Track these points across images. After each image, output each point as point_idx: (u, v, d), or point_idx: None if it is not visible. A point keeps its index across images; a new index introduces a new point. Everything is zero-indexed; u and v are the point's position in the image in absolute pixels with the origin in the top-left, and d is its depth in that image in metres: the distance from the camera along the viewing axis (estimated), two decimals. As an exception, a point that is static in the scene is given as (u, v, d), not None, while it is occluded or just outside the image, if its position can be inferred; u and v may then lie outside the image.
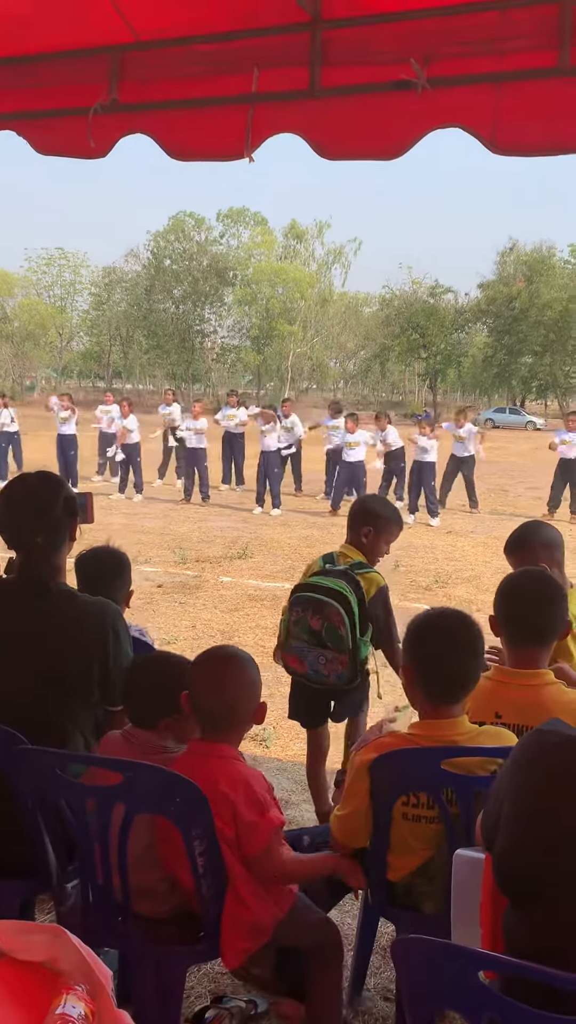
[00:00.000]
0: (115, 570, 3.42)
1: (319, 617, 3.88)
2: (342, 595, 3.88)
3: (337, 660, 3.89)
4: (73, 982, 1.61)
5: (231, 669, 2.48)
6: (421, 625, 2.57)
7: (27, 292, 73.42)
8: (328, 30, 3.36)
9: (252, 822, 2.33)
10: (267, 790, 2.42)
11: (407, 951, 1.56)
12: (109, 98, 3.71)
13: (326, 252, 71.51)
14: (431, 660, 2.50)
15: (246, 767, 2.44)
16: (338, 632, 3.86)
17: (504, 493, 19.74)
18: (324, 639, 3.89)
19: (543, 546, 3.51)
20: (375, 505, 4.28)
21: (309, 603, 3.93)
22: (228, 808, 2.33)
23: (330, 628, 3.87)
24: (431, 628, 2.56)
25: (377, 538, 4.15)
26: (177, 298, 66.45)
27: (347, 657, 3.89)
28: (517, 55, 3.12)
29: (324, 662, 3.91)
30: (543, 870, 1.77)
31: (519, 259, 63.09)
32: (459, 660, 2.49)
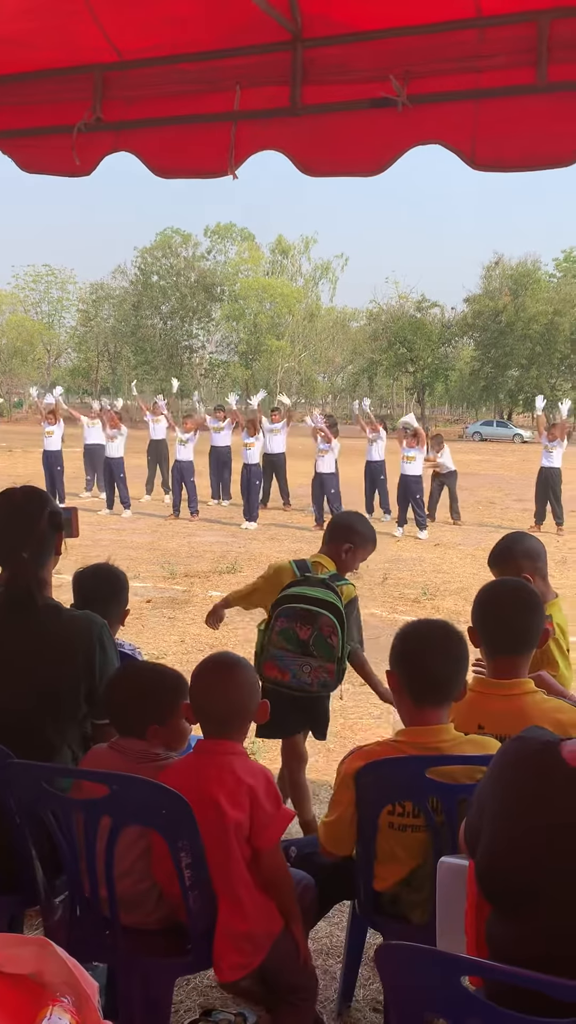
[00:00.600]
0: (112, 588, 3.45)
1: (309, 627, 3.91)
2: (334, 606, 3.93)
3: (324, 668, 3.94)
4: (59, 994, 1.61)
5: (234, 673, 2.53)
6: (404, 631, 2.63)
7: (14, 309, 73.46)
8: (309, 49, 3.40)
9: (271, 813, 2.37)
10: (277, 786, 2.48)
11: (390, 957, 1.57)
12: (93, 116, 3.75)
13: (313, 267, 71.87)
14: (411, 660, 2.54)
15: (258, 763, 2.50)
16: (328, 642, 3.91)
17: (491, 505, 19.80)
18: (311, 648, 3.93)
19: (526, 557, 3.54)
20: (355, 522, 4.37)
21: (298, 614, 3.96)
22: (248, 797, 2.36)
23: (320, 638, 3.91)
24: (412, 632, 2.61)
25: (354, 555, 4.24)
26: (165, 314, 66.64)
27: (334, 665, 3.95)
28: (495, 72, 3.16)
29: (309, 670, 3.94)
30: (525, 875, 1.78)
31: (504, 273, 63.54)
32: (437, 659, 2.53)
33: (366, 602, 9.74)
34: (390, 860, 2.56)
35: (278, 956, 2.48)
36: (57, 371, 76.12)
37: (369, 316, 69.03)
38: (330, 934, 3.50)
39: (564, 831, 1.75)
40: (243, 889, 2.37)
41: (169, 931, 2.46)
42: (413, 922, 2.56)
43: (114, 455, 17.33)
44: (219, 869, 2.37)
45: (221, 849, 2.35)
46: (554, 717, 2.59)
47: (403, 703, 2.56)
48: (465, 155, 3.24)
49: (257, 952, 2.40)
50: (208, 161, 3.63)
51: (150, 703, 2.55)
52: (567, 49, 3.04)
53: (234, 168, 3.59)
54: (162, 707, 2.55)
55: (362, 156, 3.42)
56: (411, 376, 66.98)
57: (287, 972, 2.53)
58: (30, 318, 72.60)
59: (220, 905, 2.37)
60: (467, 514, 17.47)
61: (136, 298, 66.89)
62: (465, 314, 64.64)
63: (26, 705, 2.61)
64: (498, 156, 3.23)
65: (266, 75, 3.49)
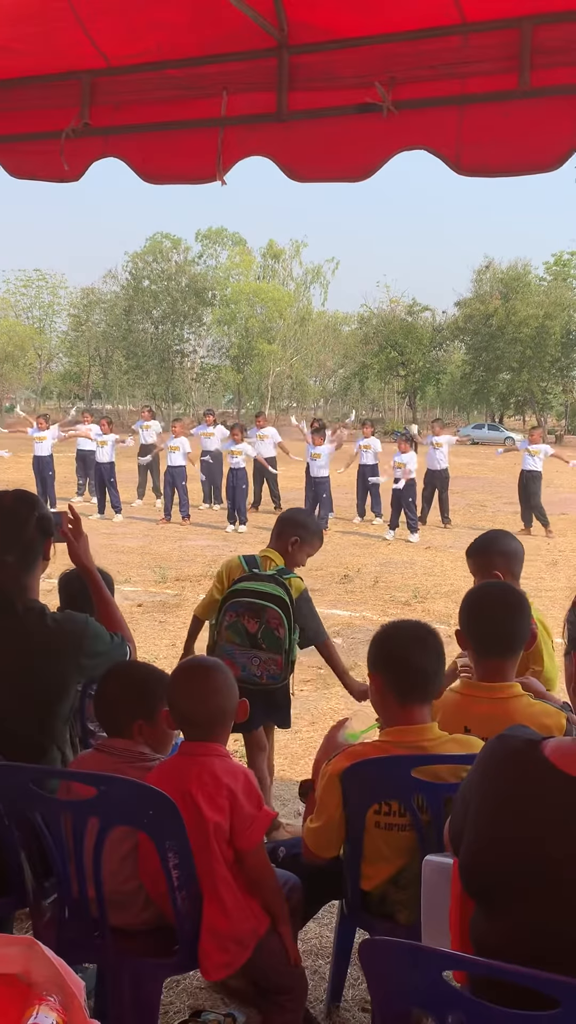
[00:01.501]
0: None
1: (256, 620, 4.03)
2: (280, 599, 4.05)
3: (272, 661, 4.06)
4: (45, 993, 1.62)
5: (210, 678, 2.53)
6: (384, 634, 2.65)
7: (5, 313, 73.29)
8: (295, 55, 3.44)
9: (251, 815, 2.38)
10: (258, 786, 2.48)
11: (373, 953, 1.59)
12: (81, 122, 3.78)
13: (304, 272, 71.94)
14: (396, 659, 2.56)
15: (239, 763, 2.51)
16: (275, 634, 4.03)
17: (482, 508, 19.86)
18: (259, 641, 4.04)
19: (501, 554, 3.58)
20: (304, 517, 4.52)
21: (245, 607, 4.07)
22: (227, 799, 2.37)
23: (268, 630, 4.03)
24: (393, 632, 2.64)
25: (301, 548, 4.32)
26: (156, 318, 66.57)
27: (282, 658, 4.07)
28: (479, 78, 3.20)
29: (258, 663, 4.07)
30: (508, 872, 1.80)
31: (495, 277, 63.66)
32: (421, 656, 2.56)
33: (357, 605, 9.78)
34: (377, 859, 2.58)
35: (265, 956, 2.49)
36: (49, 376, 76.06)
37: (360, 320, 69.08)
38: (319, 934, 3.52)
39: (546, 828, 1.77)
40: (225, 890, 2.38)
41: (157, 932, 2.47)
42: (400, 922, 2.57)
43: (105, 460, 17.37)
44: (202, 870, 2.38)
45: (203, 850, 2.37)
46: (540, 721, 2.61)
47: (387, 703, 2.58)
48: (450, 160, 3.28)
49: (242, 951, 2.41)
50: (196, 167, 3.66)
51: (138, 697, 2.57)
52: (550, 55, 3.08)
53: (222, 174, 3.62)
54: (150, 703, 2.56)
55: (348, 162, 3.45)
56: (403, 380, 67.05)
57: (275, 972, 2.54)
58: (21, 323, 72.42)
59: (205, 905, 2.39)
60: (458, 517, 17.51)
61: (127, 303, 66.83)
62: (456, 318, 64.74)
63: (12, 708, 2.63)
64: (483, 161, 3.27)
65: (253, 81, 3.52)
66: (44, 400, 78.36)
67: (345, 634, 8.47)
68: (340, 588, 10.72)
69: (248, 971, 2.55)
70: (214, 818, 2.35)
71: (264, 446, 17.74)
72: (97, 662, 2.71)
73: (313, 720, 6.05)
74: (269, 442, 17.82)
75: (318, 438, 16.39)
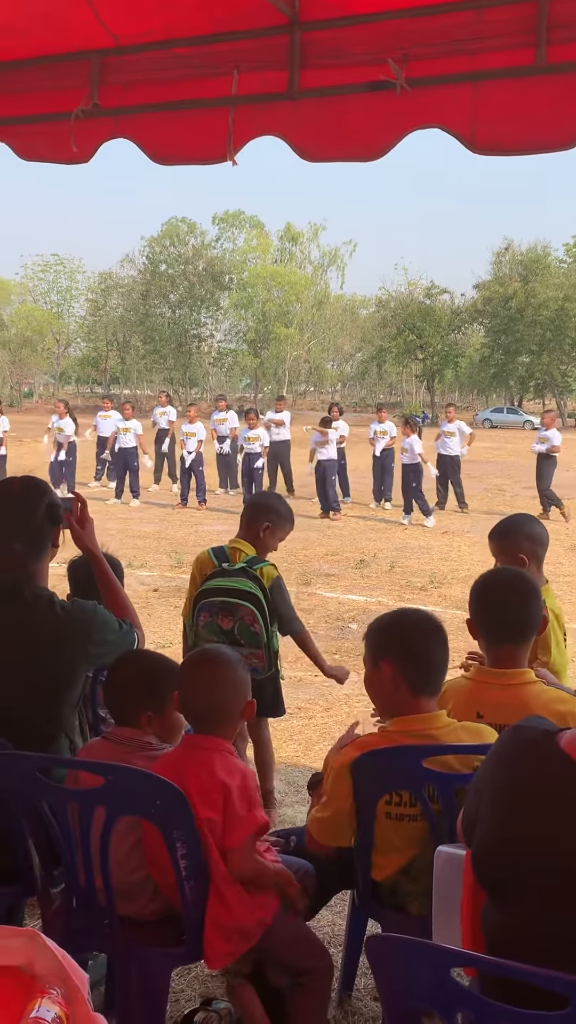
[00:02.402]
0: None
1: (230, 618, 3.99)
2: (251, 594, 3.99)
3: (253, 655, 4.02)
4: (48, 986, 1.60)
5: (220, 671, 2.50)
6: (396, 621, 2.61)
7: (23, 298, 73.50)
8: (306, 32, 3.37)
9: (240, 815, 2.34)
10: (256, 789, 2.43)
11: (381, 949, 1.56)
12: (90, 103, 3.72)
13: (322, 255, 71.60)
14: (415, 650, 2.52)
15: (241, 762, 2.46)
16: (251, 630, 3.99)
17: (501, 492, 19.75)
18: (237, 636, 4.00)
19: (527, 538, 3.54)
20: (274, 501, 4.39)
21: (217, 607, 4.01)
22: (222, 796, 2.34)
23: (243, 626, 3.99)
24: (408, 622, 2.60)
25: (273, 534, 4.24)
26: (173, 303, 66.50)
27: (263, 651, 4.04)
28: (494, 54, 3.12)
29: (243, 657, 3.97)
30: (521, 863, 1.77)
31: (514, 259, 63.14)
32: (439, 648, 2.54)
33: (373, 590, 9.74)
34: (388, 850, 2.55)
35: (277, 942, 2.47)
36: (67, 360, 76.20)
37: (378, 303, 68.73)
38: (332, 922, 3.50)
39: (559, 821, 1.74)
40: (224, 884, 2.35)
41: (165, 921, 2.45)
42: (412, 912, 2.55)
43: (128, 445, 17.41)
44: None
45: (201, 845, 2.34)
46: (554, 708, 2.58)
47: (397, 693, 2.54)
48: (464, 138, 3.21)
49: (245, 941, 2.39)
50: (206, 147, 3.60)
51: (148, 687, 2.55)
52: (567, 29, 3.00)
53: (233, 154, 3.56)
54: (160, 693, 2.54)
55: (361, 141, 3.38)
56: (421, 363, 66.70)
57: (292, 955, 2.52)
58: (39, 308, 72.58)
59: (208, 897, 2.37)
60: (476, 501, 17.42)
61: (145, 287, 66.76)
62: (475, 300, 64.29)
63: (20, 696, 2.61)
64: (498, 139, 3.19)
65: (264, 59, 3.46)
66: (63, 385, 78.53)
67: (360, 620, 8.43)
68: (356, 573, 10.67)
69: (266, 958, 2.53)
70: (206, 814, 2.32)
71: (280, 431, 17.67)
72: (105, 650, 2.68)
73: (328, 706, 6.03)
74: (285, 428, 17.75)
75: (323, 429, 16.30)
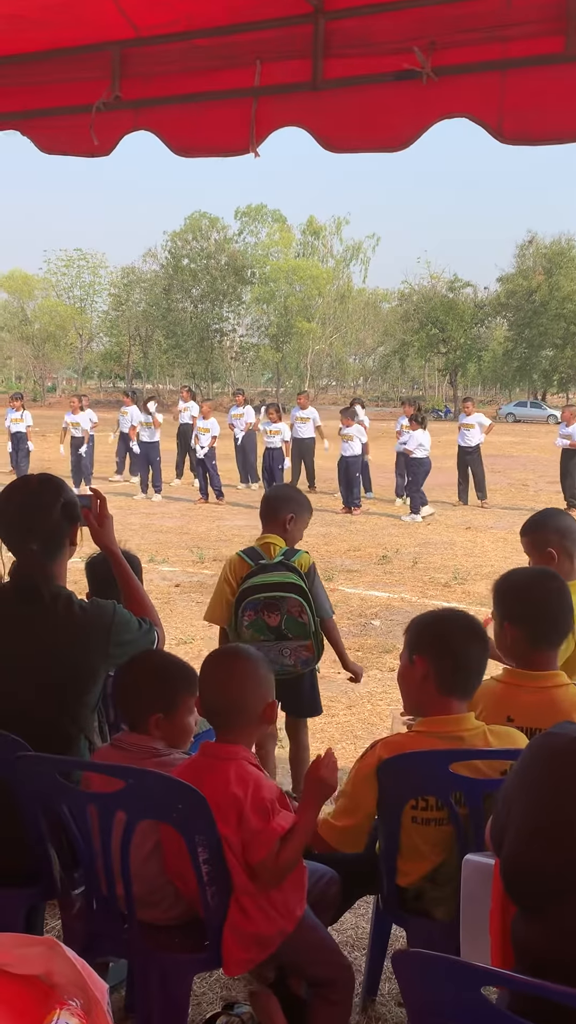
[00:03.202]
0: None
1: (276, 613, 4.00)
2: (296, 585, 4.01)
3: (303, 647, 4.06)
4: (67, 996, 1.57)
5: (238, 666, 2.45)
6: (438, 618, 2.57)
7: (47, 293, 73.75)
8: (331, 21, 3.31)
9: (257, 829, 2.27)
10: (276, 796, 2.36)
11: (407, 965, 1.51)
12: (112, 95, 3.68)
13: (344, 248, 71.41)
14: (453, 650, 2.47)
15: (256, 771, 2.39)
16: (299, 621, 4.01)
17: (524, 487, 19.61)
18: (284, 631, 4.01)
19: (556, 531, 3.50)
20: (290, 492, 4.46)
21: (262, 603, 4.01)
22: (236, 812, 2.29)
23: (290, 619, 4.01)
24: (449, 622, 2.55)
25: (296, 524, 4.26)
26: (195, 297, 66.52)
27: (312, 641, 4.07)
28: (523, 41, 3.05)
29: (289, 652, 4.06)
30: (552, 875, 1.72)
31: (538, 252, 62.74)
32: (479, 652, 2.50)
33: (396, 586, 9.67)
34: (414, 855, 2.50)
35: (298, 952, 2.43)
36: (89, 355, 76.45)
37: (401, 297, 68.46)
38: (356, 925, 3.45)
39: (592, 832, 1.68)
40: (244, 896, 2.30)
41: (186, 926, 2.41)
42: (437, 918, 2.49)
43: (150, 440, 17.44)
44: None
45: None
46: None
47: (426, 691, 2.49)
48: (492, 128, 3.14)
49: (264, 950, 2.34)
50: (229, 139, 3.55)
51: (157, 689, 2.50)
52: (598, 15, 2.92)
53: (255, 146, 3.51)
54: (169, 695, 2.49)
55: (386, 131, 3.32)
56: (443, 357, 66.41)
57: (313, 965, 2.48)
58: (62, 303, 72.81)
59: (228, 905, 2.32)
60: (499, 496, 17.32)
61: (167, 282, 66.83)
62: (498, 294, 63.96)
63: (39, 697, 2.58)
64: (526, 129, 3.12)
65: (287, 49, 3.40)
66: (85, 380, 78.82)
67: (383, 616, 8.38)
68: (378, 569, 10.61)
69: (288, 967, 2.49)
70: (223, 830, 2.27)
71: (305, 428, 17.60)
72: (125, 650, 2.64)
73: (350, 704, 5.98)
74: (310, 424, 17.66)
75: (347, 419, 16.30)
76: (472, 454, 16.67)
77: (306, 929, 2.44)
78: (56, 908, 3.12)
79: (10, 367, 76.67)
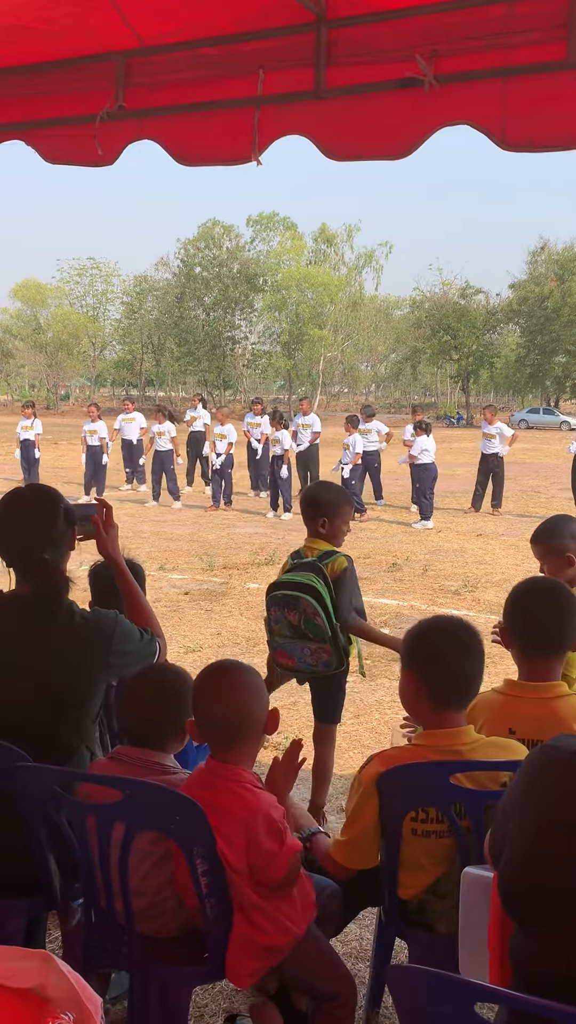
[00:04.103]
0: None
1: (296, 612, 4.04)
2: (311, 587, 4.03)
3: (321, 649, 4.07)
4: (60, 1010, 1.56)
5: (235, 677, 2.43)
6: (422, 629, 2.51)
7: (60, 302, 74.07)
8: (333, 29, 3.31)
9: (270, 851, 2.25)
10: (282, 815, 2.34)
11: (401, 980, 1.50)
12: (115, 105, 3.69)
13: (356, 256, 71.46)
14: (435, 661, 2.43)
15: (263, 794, 2.35)
16: (315, 623, 4.02)
17: (536, 494, 19.53)
18: (304, 631, 4.05)
19: (573, 537, 3.46)
20: (321, 492, 4.42)
21: (283, 601, 4.08)
22: (243, 836, 2.26)
23: (307, 620, 4.03)
24: (433, 629, 2.50)
25: (333, 524, 4.26)
26: (208, 305, 66.69)
27: (329, 645, 4.06)
28: (525, 49, 3.05)
29: (310, 652, 4.10)
30: (550, 890, 1.69)
31: (550, 258, 62.66)
32: (464, 660, 2.43)
33: (406, 594, 9.64)
34: (415, 867, 2.47)
35: (301, 964, 2.41)
36: (102, 363, 76.71)
37: (412, 304, 68.45)
38: (360, 937, 3.43)
39: (590, 846, 1.66)
40: (253, 911, 2.28)
41: (187, 939, 2.40)
42: (439, 931, 2.47)
43: (163, 448, 17.45)
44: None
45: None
46: None
47: (420, 706, 2.47)
48: (495, 135, 3.14)
49: (274, 956, 2.33)
50: (231, 148, 3.56)
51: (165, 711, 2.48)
52: (600, 22, 2.91)
53: (258, 154, 3.52)
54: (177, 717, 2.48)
55: (388, 139, 3.33)
56: (455, 364, 66.33)
57: (317, 980, 2.45)
58: (75, 311, 73.13)
59: (234, 918, 2.30)
60: (511, 503, 17.25)
61: (179, 290, 67.05)
62: (510, 300, 63.88)
63: (41, 707, 2.57)
64: (529, 135, 3.12)
65: (289, 58, 3.41)
66: (98, 388, 79.08)
67: (393, 624, 8.35)
68: (388, 576, 10.59)
69: (290, 981, 2.47)
70: (230, 856, 2.25)
71: (308, 435, 17.55)
72: (125, 660, 2.63)
73: (358, 713, 5.96)
74: (310, 431, 17.60)
75: (350, 427, 16.30)
76: (494, 462, 16.59)
77: (310, 941, 2.42)
78: (55, 918, 3.13)
79: (24, 375, 76.98)
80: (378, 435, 17.52)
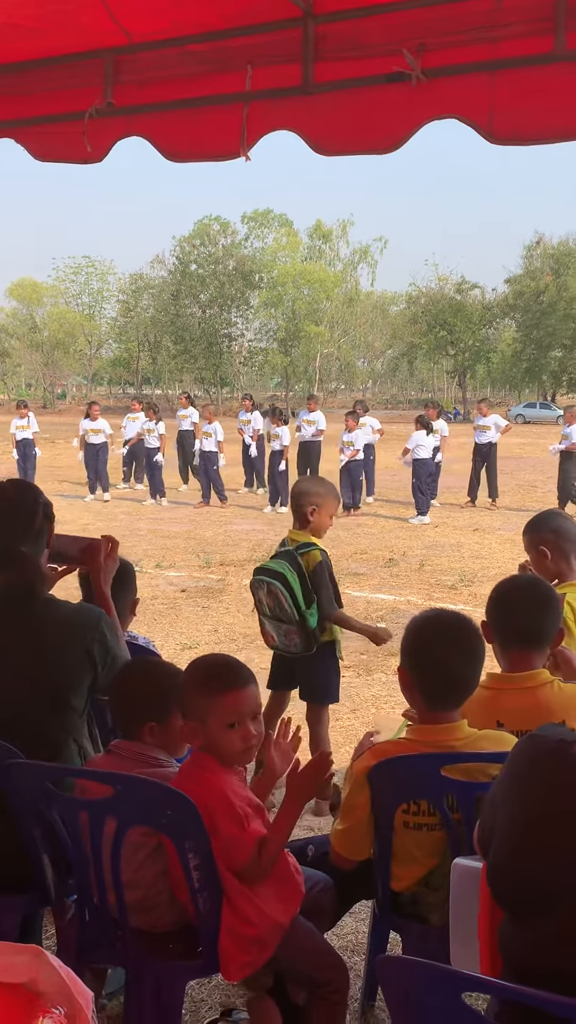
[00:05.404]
0: (120, 579, 3.39)
1: (269, 596, 4.32)
2: (279, 572, 4.29)
3: (292, 631, 4.35)
4: (51, 1004, 1.57)
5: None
6: (418, 626, 2.50)
7: (56, 301, 73.99)
8: (320, 25, 3.30)
9: (231, 836, 2.26)
10: (246, 802, 2.33)
11: (389, 971, 1.50)
12: (104, 102, 3.68)
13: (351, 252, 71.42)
14: (429, 661, 2.43)
15: (226, 777, 2.34)
16: (283, 606, 4.28)
17: (533, 488, 19.55)
18: (278, 613, 4.36)
19: (552, 532, 3.54)
20: (310, 484, 4.66)
21: (255, 584, 4.42)
22: (209, 819, 2.27)
23: (278, 603, 4.30)
24: (428, 628, 2.49)
25: (320, 513, 4.48)
26: (204, 302, 66.61)
27: (296, 628, 4.33)
28: (512, 42, 3.04)
29: (284, 632, 4.39)
30: (538, 880, 1.70)
31: (546, 252, 62.68)
32: (458, 660, 2.42)
33: (402, 589, 9.65)
34: (408, 861, 2.49)
35: (294, 956, 2.41)
36: (99, 362, 76.66)
37: (408, 299, 68.44)
38: (355, 930, 3.44)
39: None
40: (236, 895, 2.29)
41: (180, 933, 2.40)
42: (433, 923, 2.48)
43: (154, 446, 17.53)
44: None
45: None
46: (574, 706, 2.52)
47: (415, 701, 2.48)
48: (482, 129, 3.14)
49: (264, 950, 2.33)
50: (220, 143, 3.55)
51: (150, 697, 2.48)
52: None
53: (246, 150, 3.51)
54: (162, 703, 2.48)
55: (376, 133, 3.32)
56: (452, 359, 66.38)
57: (308, 967, 2.46)
58: (71, 310, 73.06)
59: (223, 910, 2.31)
60: (507, 498, 17.26)
61: (175, 287, 66.94)
62: (506, 295, 63.91)
63: (27, 702, 2.58)
64: (516, 129, 3.12)
65: (277, 54, 3.40)
66: (95, 386, 79.02)
67: (389, 619, 8.36)
68: (385, 572, 10.59)
69: (282, 969, 2.48)
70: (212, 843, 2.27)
71: (311, 431, 17.58)
72: (106, 653, 2.64)
73: (354, 707, 5.96)
74: (314, 428, 17.62)
75: (352, 421, 16.33)
76: (487, 450, 16.63)
77: (302, 934, 2.44)
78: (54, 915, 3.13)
79: (20, 374, 76.99)
80: (371, 430, 17.56)
